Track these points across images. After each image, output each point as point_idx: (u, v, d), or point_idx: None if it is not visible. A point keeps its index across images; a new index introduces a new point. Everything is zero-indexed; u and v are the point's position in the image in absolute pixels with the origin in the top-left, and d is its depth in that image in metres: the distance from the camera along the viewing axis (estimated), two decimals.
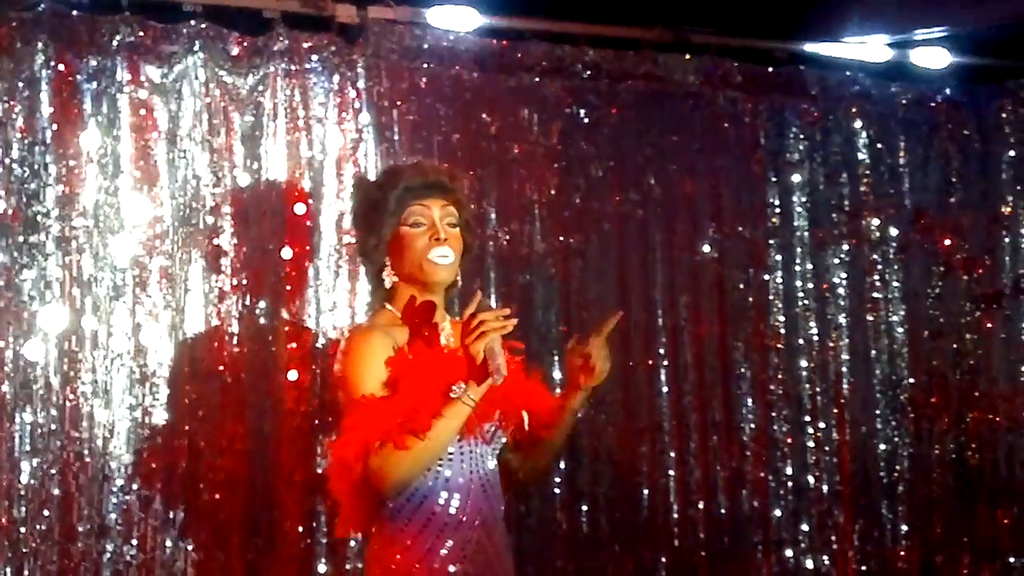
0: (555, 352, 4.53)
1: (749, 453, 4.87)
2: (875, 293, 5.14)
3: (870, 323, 5.12)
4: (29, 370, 3.92)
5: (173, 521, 4.02)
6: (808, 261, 5.04)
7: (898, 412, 5.13)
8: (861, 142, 5.16)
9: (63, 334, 3.95)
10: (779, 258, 4.99)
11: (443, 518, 2.86)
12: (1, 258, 3.92)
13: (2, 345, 3.91)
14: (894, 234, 5.18)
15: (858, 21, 4.95)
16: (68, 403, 3.95)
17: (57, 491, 3.91)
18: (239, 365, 4.13)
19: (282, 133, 4.25)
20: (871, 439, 5.08)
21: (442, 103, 4.50)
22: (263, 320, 4.17)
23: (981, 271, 5.27)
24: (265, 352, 4.16)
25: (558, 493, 4.57)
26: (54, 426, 3.92)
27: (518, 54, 4.63)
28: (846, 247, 5.10)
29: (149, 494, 4.00)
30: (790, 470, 4.93)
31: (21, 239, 3.94)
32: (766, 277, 4.96)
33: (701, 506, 4.77)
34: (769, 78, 5.01)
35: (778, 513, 4.90)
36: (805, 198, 5.06)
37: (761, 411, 4.90)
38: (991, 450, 5.21)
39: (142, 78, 4.10)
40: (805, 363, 5.01)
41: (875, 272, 5.14)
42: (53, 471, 3.91)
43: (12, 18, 3.94)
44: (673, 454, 4.76)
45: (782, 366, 4.96)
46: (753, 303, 4.93)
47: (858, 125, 5.15)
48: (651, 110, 4.83)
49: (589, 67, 4.73)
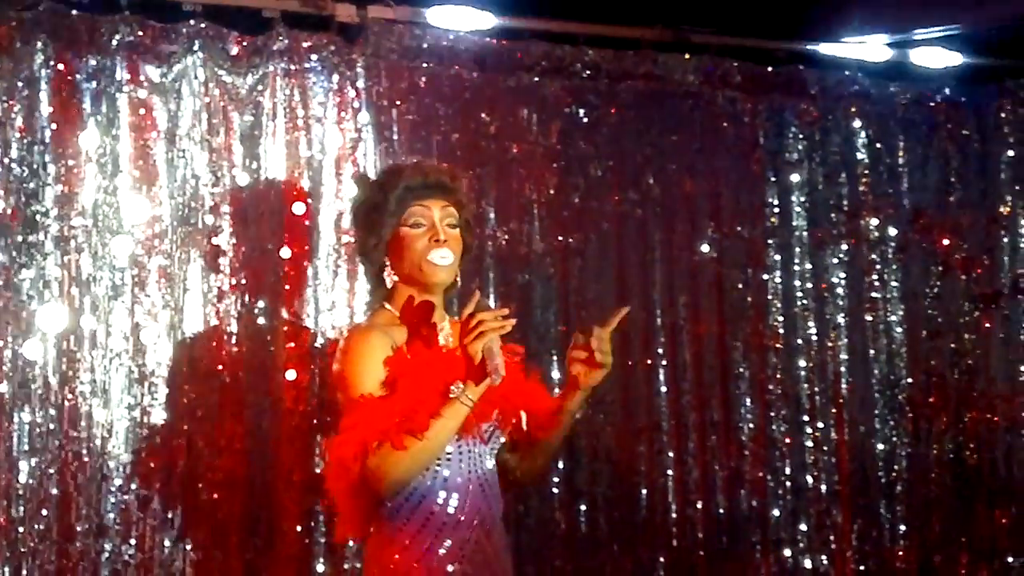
0: (554, 352, 4.53)
1: (748, 453, 4.87)
2: (874, 293, 5.14)
3: (869, 323, 5.12)
4: (28, 370, 3.92)
5: (171, 521, 4.02)
6: (807, 261, 5.04)
7: (896, 412, 5.13)
8: (860, 142, 5.15)
9: (62, 334, 3.95)
10: (778, 258, 4.99)
11: (441, 517, 2.86)
12: (0, 257, 3.92)
13: (1, 344, 3.90)
14: (893, 234, 5.18)
15: (857, 21, 4.95)
16: (67, 403, 3.95)
17: (55, 491, 3.91)
18: (238, 365, 4.13)
19: (281, 133, 4.25)
20: (869, 439, 5.08)
21: (441, 103, 4.50)
22: (262, 320, 4.17)
23: (980, 271, 5.27)
24: (264, 352, 4.16)
25: (557, 493, 4.58)
26: (52, 426, 3.92)
27: (517, 54, 4.63)
28: (845, 247, 5.10)
29: (148, 494, 4.00)
30: (789, 470, 4.93)
31: (20, 238, 3.94)
32: (765, 277, 4.96)
33: (700, 506, 4.77)
34: (768, 78, 5.01)
35: (776, 513, 4.90)
36: (804, 198, 5.05)
37: (760, 411, 4.90)
38: (989, 450, 5.21)
39: (141, 78, 4.10)
40: (804, 363, 5.01)
41: (874, 272, 5.14)
42: (51, 471, 3.91)
43: (11, 17, 3.94)
44: (672, 454, 4.76)
45: (781, 366, 4.96)
46: (752, 303, 4.93)
47: (857, 125, 5.15)
48: (650, 110, 4.83)
49: (588, 67, 4.73)
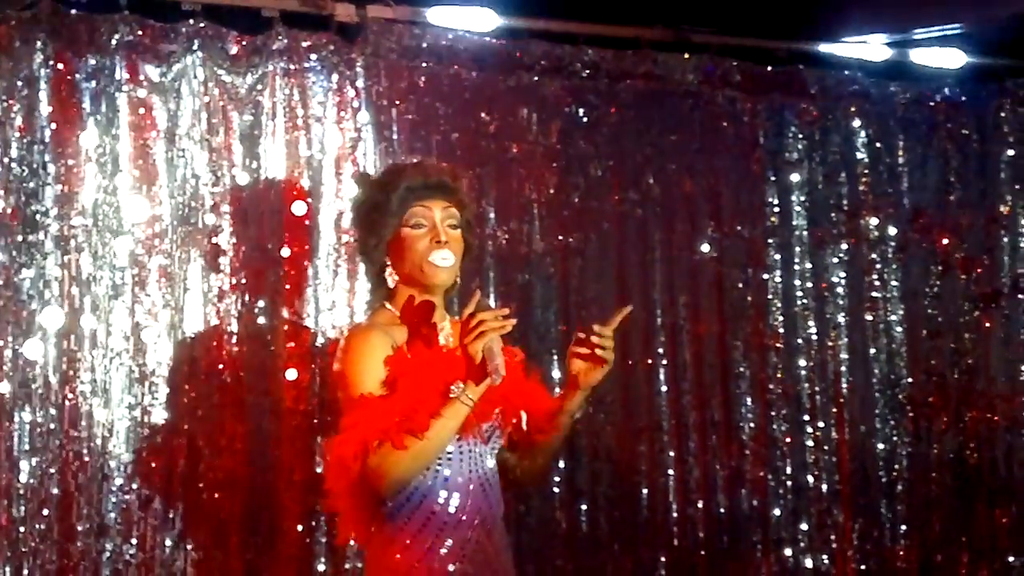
0: (554, 352, 4.53)
1: (748, 452, 4.87)
2: (874, 292, 5.14)
3: (869, 322, 5.12)
4: (28, 369, 3.91)
5: (172, 520, 4.02)
6: (807, 260, 5.04)
7: (897, 411, 5.12)
8: (860, 141, 5.15)
9: (62, 333, 3.95)
10: (778, 257, 4.99)
11: (442, 517, 2.85)
12: (0, 257, 3.92)
13: (1, 344, 3.90)
14: (893, 233, 5.17)
15: (857, 20, 4.95)
16: (67, 402, 3.95)
17: (56, 490, 3.91)
18: (238, 364, 4.13)
19: (281, 132, 4.25)
20: (870, 438, 5.07)
21: (441, 102, 4.50)
22: (262, 319, 4.17)
23: (980, 270, 5.27)
24: (264, 351, 4.16)
25: (557, 492, 4.57)
26: (53, 425, 3.92)
27: (517, 53, 4.63)
28: (845, 246, 5.10)
29: (148, 493, 4.00)
30: (789, 469, 4.93)
31: (20, 238, 3.93)
32: (765, 276, 4.96)
33: (700, 505, 4.77)
34: (768, 77, 5.00)
35: (777, 512, 4.90)
36: (804, 197, 5.05)
37: (760, 410, 4.90)
38: (990, 449, 5.21)
39: (141, 77, 4.09)
40: (804, 362, 5.01)
41: (874, 271, 5.14)
42: (52, 470, 3.91)
43: (11, 17, 3.94)
44: (672, 453, 4.75)
45: (781, 365, 4.96)
46: (752, 302, 4.93)
47: (857, 124, 5.15)
48: (650, 109, 4.82)
49: (588, 66, 4.72)
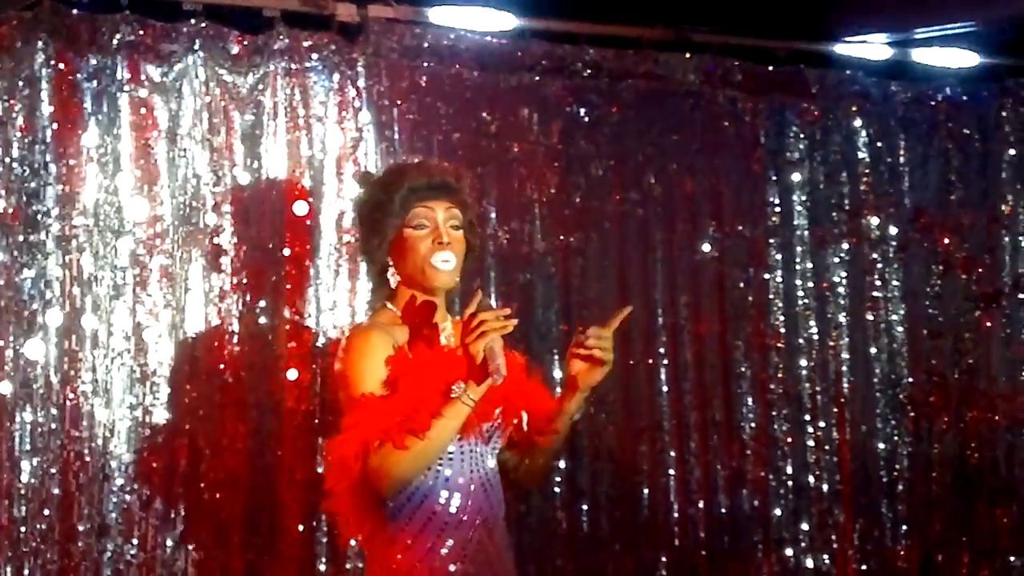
0: (555, 351, 4.53)
1: (749, 452, 4.87)
2: (875, 292, 5.14)
3: (870, 322, 5.12)
4: (29, 369, 3.91)
5: (173, 520, 4.02)
6: (808, 260, 5.04)
7: (898, 411, 5.12)
8: (861, 141, 5.15)
9: (63, 333, 3.95)
10: (779, 257, 4.99)
11: (443, 517, 2.85)
12: (1, 257, 3.92)
13: (2, 344, 3.90)
14: (894, 233, 5.17)
15: (858, 20, 4.95)
16: (68, 402, 3.94)
17: (57, 490, 3.91)
18: (239, 364, 4.13)
19: (282, 132, 4.24)
20: (871, 438, 5.08)
21: (442, 102, 4.50)
22: (263, 319, 4.17)
23: (981, 270, 5.27)
24: (265, 351, 4.16)
25: (558, 492, 4.57)
26: (54, 425, 3.92)
27: (518, 53, 4.63)
28: (846, 246, 5.10)
29: (149, 493, 4.00)
30: (790, 469, 4.93)
31: (21, 238, 3.93)
32: (766, 276, 4.96)
33: (701, 505, 4.77)
34: (769, 77, 5.00)
35: (778, 512, 4.90)
36: (805, 197, 5.05)
37: (761, 410, 4.90)
38: (990, 449, 5.21)
39: (142, 77, 4.09)
40: (805, 362, 5.01)
41: (875, 271, 5.14)
42: (53, 470, 3.91)
43: (12, 16, 3.93)
44: (673, 453, 4.75)
45: (782, 365, 4.96)
46: (753, 302, 4.93)
47: (858, 124, 5.14)
48: (651, 109, 4.82)
49: (589, 66, 4.72)
